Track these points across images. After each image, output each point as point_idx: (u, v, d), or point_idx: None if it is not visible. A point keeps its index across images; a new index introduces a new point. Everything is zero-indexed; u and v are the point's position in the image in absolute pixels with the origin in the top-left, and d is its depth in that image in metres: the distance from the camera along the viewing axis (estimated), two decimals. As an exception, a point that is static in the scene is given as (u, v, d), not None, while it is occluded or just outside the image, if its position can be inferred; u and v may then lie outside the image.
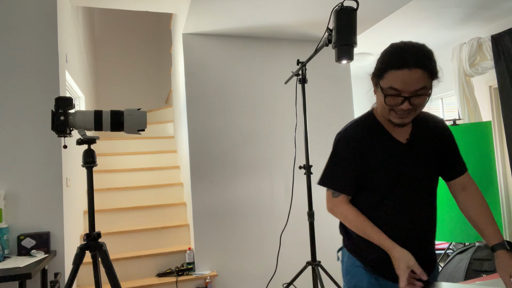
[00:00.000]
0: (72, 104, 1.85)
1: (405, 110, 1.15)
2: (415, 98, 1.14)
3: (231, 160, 3.52)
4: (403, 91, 1.12)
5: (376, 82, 1.22)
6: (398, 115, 1.18)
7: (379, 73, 1.19)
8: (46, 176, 2.74)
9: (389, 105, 1.17)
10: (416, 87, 1.11)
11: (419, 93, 1.13)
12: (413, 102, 1.14)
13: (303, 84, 2.55)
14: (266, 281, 3.50)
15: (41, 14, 2.83)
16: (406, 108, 1.14)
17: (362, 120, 1.31)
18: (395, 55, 1.13)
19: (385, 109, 1.20)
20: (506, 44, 3.84)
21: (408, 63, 1.10)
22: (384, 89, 1.16)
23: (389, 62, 1.14)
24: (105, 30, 6.51)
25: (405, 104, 1.14)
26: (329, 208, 1.33)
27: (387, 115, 1.22)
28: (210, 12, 3.05)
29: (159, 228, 3.64)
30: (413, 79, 1.10)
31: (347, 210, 1.28)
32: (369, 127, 1.29)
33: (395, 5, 3.10)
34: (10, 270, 2.15)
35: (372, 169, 1.26)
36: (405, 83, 1.11)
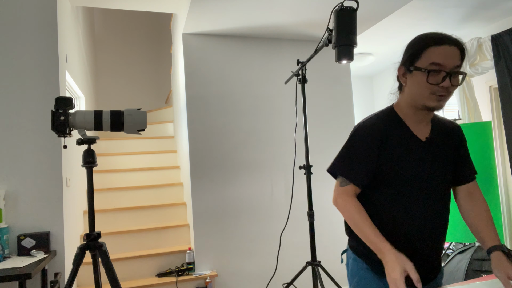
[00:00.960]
0: (72, 104, 1.85)
1: (446, 89, 1.16)
2: (454, 77, 1.17)
3: (231, 160, 3.52)
4: (445, 66, 1.15)
5: (407, 68, 1.23)
6: (437, 96, 1.18)
7: (414, 55, 1.20)
8: (46, 176, 2.74)
9: (431, 83, 1.16)
10: (456, 63, 1.16)
11: (457, 70, 1.16)
12: (452, 81, 1.16)
13: (303, 84, 2.55)
14: (266, 281, 3.50)
15: (41, 14, 2.83)
16: (447, 86, 1.15)
17: (383, 114, 1.30)
18: (433, 35, 1.18)
19: (424, 91, 1.19)
20: (506, 44, 3.84)
21: (448, 40, 1.16)
22: (426, 66, 1.17)
23: (428, 41, 1.17)
24: (105, 30, 6.51)
25: (447, 81, 1.15)
26: (333, 199, 1.29)
27: (422, 100, 1.20)
28: (210, 12, 3.05)
29: (159, 228, 3.64)
30: (453, 54, 1.15)
31: (351, 203, 1.23)
32: (390, 121, 1.28)
33: (395, 5, 3.10)
34: (10, 270, 2.15)
35: (389, 163, 1.24)
36: (446, 57, 1.15)
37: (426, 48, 1.17)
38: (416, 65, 1.19)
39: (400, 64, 1.26)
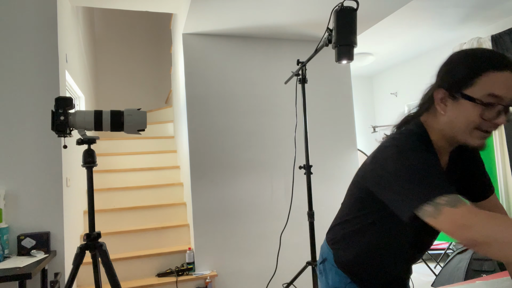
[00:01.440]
0: (72, 104, 1.85)
1: (496, 126, 0.94)
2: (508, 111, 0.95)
3: (231, 160, 3.52)
4: (504, 99, 0.91)
5: (452, 94, 0.97)
6: (482, 133, 0.96)
7: (465, 79, 0.94)
8: (46, 176, 2.74)
9: (487, 120, 0.93)
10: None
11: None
12: (507, 115, 0.94)
13: (303, 84, 2.55)
14: (266, 281, 3.50)
15: (41, 14, 2.83)
16: (502, 123, 0.93)
17: (417, 133, 1.05)
18: (491, 55, 0.93)
19: (469, 125, 0.96)
20: (506, 44, 3.84)
21: (510, 64, 0.92)
22: (481, 97, 0.92)
23: (485, 63, 0.92)
24: (105, 30, 6.51)
25: (502, 117, 0.93)
26: (459, 225, 0.81)
27: (464, 136, 0.98)
28: (210, 12, 3.05)
29: (159, 228, 3.64)
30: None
31: (488, 214, 0.81)
32: (423, 142, 1.04)
33: (395, 5, 3.10)
34: (10, 270, 2.15)
35: None
36: (509, 87, 0.91)
37: (482, 72, 0.92)
38: (467, 92, 0.94)
39: (439, 86, 1.00)
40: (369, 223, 1.11)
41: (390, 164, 0.95)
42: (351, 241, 1.17)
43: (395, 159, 0.95)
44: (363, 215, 1.11)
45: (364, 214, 1.11)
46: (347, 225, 1.17)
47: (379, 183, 0.99)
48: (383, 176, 0.97)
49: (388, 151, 0.98)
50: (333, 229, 1.24)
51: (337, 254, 1.22)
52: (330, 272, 1.23)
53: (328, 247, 1.25)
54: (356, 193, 1.12)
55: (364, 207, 1.11)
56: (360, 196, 1.11)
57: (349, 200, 1.17)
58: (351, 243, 1.16)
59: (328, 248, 1.25)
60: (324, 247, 1.28)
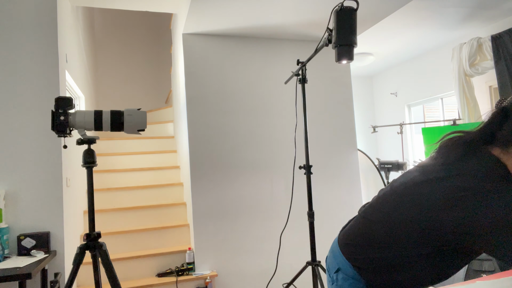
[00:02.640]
0: (72, 104, 1.85)
1: None
2: None
3: (231, 160, 3.52)
4: None
5: None
6: None
7: None
8: (46, 176, 2.74)
9: None
10: None
11: None
12: None
13: (303, 84, 2.55)
14: (266, 281, 3.50)
15: (41, 14, 2.83)
16: None
17: (498, 172, 0.91)
18: None
19: None
20: (506, 44, 3.84)
21: None
22: None
23: None
24: (105, 30, 6.51)
25: None
26: None
27: None
28: (210, 12, 3.05)
29: (159, 228, 3.64)
30: None
31: None
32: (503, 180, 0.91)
33: (395, 5, 3.10)
34: (10, 270, 2.15)
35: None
36: None
37: None
38: None
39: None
40: (412, 257, 1.02)
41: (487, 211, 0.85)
42: (382, 268, 1.09)
43: (494, 207, 0.85)
44: (409, 249, 1.02)
45: (410, 248, 1.02)
46: (381, 252, 1.08)
47: (469, 232, 0.89)
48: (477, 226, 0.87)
49: (478, 195, 0.87)
50: (357, 247, 1.16)
51: (361, 272, 1.14)
52: (344, 283, 1.18)
53: (343, 257, 1.18)
54: (408, 224, 1.01)
55: (412, 241, 1.00)
56: (414, 230, 1.00)
57: (388, 226, 1.07)
58: (382, 269, 1.09)
59: (343, 259, 1.18)
60: (337, 255, 1.21)
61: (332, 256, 1.25)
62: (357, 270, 1.15)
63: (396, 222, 1.07)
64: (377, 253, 1.11)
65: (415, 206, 1.01)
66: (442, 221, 0.94)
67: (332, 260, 1.25)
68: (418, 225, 1.00)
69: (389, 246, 1.08)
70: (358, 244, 1.16)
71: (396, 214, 1.06)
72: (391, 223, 1.08)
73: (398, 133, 5.33)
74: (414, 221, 1.01)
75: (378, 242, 1.11)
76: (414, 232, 1.01)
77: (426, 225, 0.98)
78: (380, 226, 1.11)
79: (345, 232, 1.23)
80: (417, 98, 5.55)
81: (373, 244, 1.12)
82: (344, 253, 1.19)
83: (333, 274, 1.22)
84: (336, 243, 1.25)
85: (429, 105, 5.70)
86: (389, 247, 1.08)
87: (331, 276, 1.24)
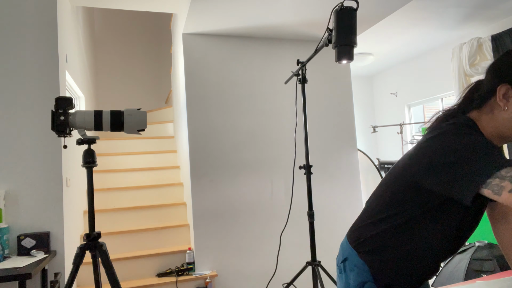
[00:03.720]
0: (72, 104, 1.85)
1: None
2: None
3: (231, 160, 3.52)
4: None
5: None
6: None
7: None
8: (46, 176, 2.74)
9: None
10: None
11: None
12: None
13: (303, 84, 2.55)
14: (266, 281, 3.50)
15: (41, 14, 2.83)
16: None
17: (468, 125, 1.05)
18: None
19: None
20: (506, 44, 3.84)
21: None
22: None
23: None
24: (105, 30, 6.51)
25: None
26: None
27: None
28: (210, 12, 3.05)
29: (159, 228, 3.64)
30: None
31: None
32: (477, 132, 1.04)
33: (395, 5, 3.10)
34: (10, 270, 2.15)
35: None
36: None
37: None
38: None
39: (502, 81, 1.01)
40: (409, 219, 1.08)
41: (446, 150, 0.95)
42: (385, 242, 1.13)
43: (451, 144, 0.95)
44: (403, 211, 1.08)
45: (404, 210, 1.08)
46: (380, 224, 1.13)
47: (433, 172, 0.97)
48: (438, 164, 0.96)
49: (440, 139, 0.98)
50: (360, 229, 1.20)
51: (366, 257, 1.17)
52: (351, 272, 1.21)
53: (350, 247, 1.22)
54: (397, 188, 1.09)
55: (405, 203, 1.07)
56: (402, 191, 1.08)
57: (383, 198, 1.14)
58: (386, 243, 1.12)
59: (350, 248, 1.22)
60: (345, 247, 1.25)
61: (341, 249, 1.29)
62: (362, 257, 1.18)
63: (384, 191, 1.15)
64: (372, 229, 1.16)
65: (399, 167, 1.11)
66: (412, 169, 1.04)
67: (340, 252, 1.28)
68: (400, 182, 1.09)
69: (382, 218, 1.13)
70: (360, 226, 1.21)
71: (388, 183, 1.14)
72: (381, 194, 1.15)
73: (398, 133, 5.33)
74: (395, 180, 1.10)
75: (371, 216, 1.17)
76: (398, 193, 1.09)
77: (404, 178, 1.07)
78: (374, 201, 1.18)
79: (352, 226, 1.27)
80: (417, 98, 5.55)
81: (371, 221, 1.17)
82: (350, 241, 1.22)
83: (340, 264, 1.25)
84: (345, 236, 1.29)
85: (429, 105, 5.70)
86: (383, 218, 1.13)
87: (339, 266, 1.26)
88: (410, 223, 1.08)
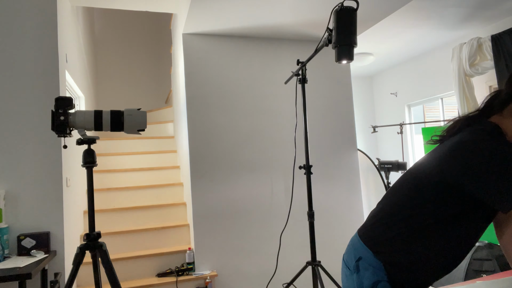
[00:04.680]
0: (72, 104, 1.85)
1: None
2: None
3: (231, 160, 3.52)
4: None
5: None
6: None
7: None
8: (46, 176, 2.74)
9: None
10: None
11: None
12: None
13: (303, 84, 2.55)
14: (266, 281, 3.50)
15: (41, 14, 2.83)
16: None
17: (495, 132, 1.07)
18: None
19: None
20: (506, 44, 3.84)
21: None
22: None
23: None
24: (105, 30, 6.51)
25: None
26: None
27: None
28: (210, 12, 3.05)
29: (159, 228, 3.64)
30: None
31: None
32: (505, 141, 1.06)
33: (395, 5, 3.10)
34: (10, 270, 2.15)
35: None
36: None
37: None
38: None
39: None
40: (429, 224, 1.08)
41: (487, 158, 0.98)
42: (402, 244, 1.13)
43: (492, 153, 0.98)
44: (423, 213, 1.09)
45: (424, 213, 1.08)
46: (397, 226, 1.13)
47: (476, 178, 0.99)
48: (482, 171, 0.98)
49: (476, 145, 1.01)
50: (375, 229, 1.20)
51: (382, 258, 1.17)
52: (366, 271, 1.20)
53: (365, 246, 1.22)
54: (419, 190, 1.10)
55: (425, 205, 1.08)
56: (425, 193, 1.09)
57: (400, 199, 1.14)
58: (402, 246, 1.13)
59: (365, 248, 1.21)
60: (358, 246, 1.24)
61: (352, 248, 1.27)
62: (378, 256, 1.19)
63: (404, 190, 1.16)
64: (390, 229, 1.16)
65: (424, 166, 1.12)
66: (443, 168, 1.06)
67: (351, 252, 1.27)
68: (426, 182, 1.10)
69: (402, 218, 1.14)
70: (376, 227, 1.20)
71: (408, 181, 1.15)
72: (399, 192, 1.16)
73: (398, 133, 5.33)
74: (420, 179, 1.12)
75: (389, 216, 1.17)
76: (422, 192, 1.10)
77: (433, 177, 1.08)
78: (395, 202, 1.17)
79: (364, 224, 1.27)
80: (417, 98, 5.55)
81: (388, 221, 1.17)
82: (364, 241, 1.22)
83: (354, 263, 1.25)
84: (356, 234, 1.28)
85: (429, 105, 5.70)
86: (403, 219, 1.13)
87: (352, 266, 1.25)
88: (430, 227, 1.09)
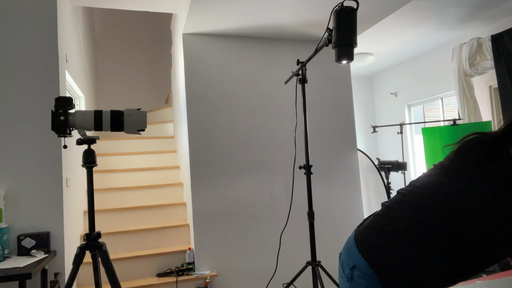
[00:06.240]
0: (72, 104, 1.85)
1: None
2: None
3: (231, 160, 3.52)
4: None
5: None
6: None
7: None
8: (46, 176, 2.74)
9: None
10: None
11: None
12: None
13: (303, 84, 2.55)
14: (266, 281, 3.50)
15: (41, 14, 2.83)
16: None
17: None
18: None
19: None
20: (506, 44, 3.84)
21: None
22: None
23: None
24: (105, 30, 6.51)
25: None
26: None
27: None
28: (210, 12, 3.05)
29: (159, 228, 3.64)
30: None
31: None
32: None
33: (395, 5, 3.10)
34: (10, 270, 2.15)
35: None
36: None
37: None
38: None
39: None
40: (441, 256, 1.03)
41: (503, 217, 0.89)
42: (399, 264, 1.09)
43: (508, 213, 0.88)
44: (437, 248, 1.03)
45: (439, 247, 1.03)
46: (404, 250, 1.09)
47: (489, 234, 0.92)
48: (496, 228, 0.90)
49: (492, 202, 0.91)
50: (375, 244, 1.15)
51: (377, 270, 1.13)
52: (359, 280, 1.17)
53: (359, 255, 1.18)
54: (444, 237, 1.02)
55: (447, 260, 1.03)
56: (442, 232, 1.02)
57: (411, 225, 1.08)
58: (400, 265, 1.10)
59: (360, 257, 1.18)
60: (353, 253, 1.20)
61: (347, 253, 1.24)
62: (373, 268, 1.14)
63: (418, 222, 1.08)
64: (396, 252, 1.11)
65: (437, 207, 1.04)
66: (463, 223, 0.98)
67: (347, 257, 1.24)
68: (440, 226, 1.02)
69: (408, 245, 1.08)
70: (375, 242, 1.16)
71: (418, 214, 1.08)
72: (413, 222, 1.09)
73: (398, 133, 5.33)
74: (435, 223, 1.04)
75: (398, 241, 1.11)
76: (436, 232, 1.03)
77: (449, 226, 1.00)
78: (400, 225, 1.12)
79: (363, 230, 1.22)
80: (417, 98, 5.55)
81: (392, 243, 1.12)
82: (361, 251, 1.18)
83: (348, 271, 1.21)
84: (352, 239, 1.24)
85: (429, 105, 5.71)
86: (408, 246, 1.08)
87: (346, 273, 1.22)
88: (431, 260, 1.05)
